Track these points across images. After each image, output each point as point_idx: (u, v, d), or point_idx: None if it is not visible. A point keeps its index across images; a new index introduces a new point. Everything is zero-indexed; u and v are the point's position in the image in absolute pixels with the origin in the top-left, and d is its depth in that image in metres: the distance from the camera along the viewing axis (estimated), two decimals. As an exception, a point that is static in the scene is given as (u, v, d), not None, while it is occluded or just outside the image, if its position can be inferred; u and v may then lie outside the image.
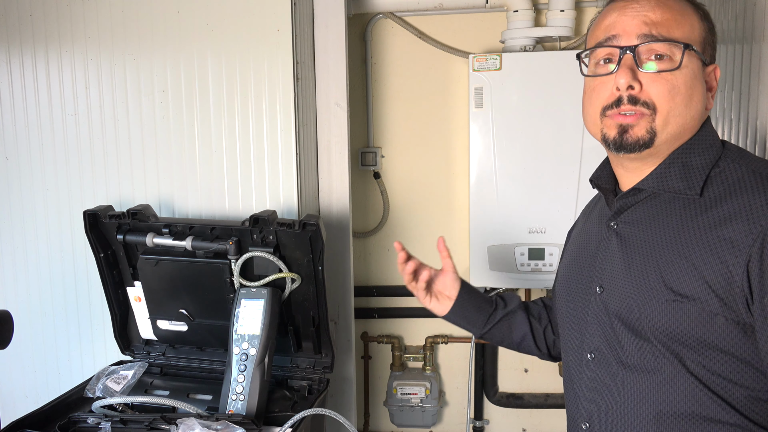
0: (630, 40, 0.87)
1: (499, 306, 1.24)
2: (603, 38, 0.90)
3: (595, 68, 0.92)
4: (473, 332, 1.25)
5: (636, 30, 0.87)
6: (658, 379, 0.86)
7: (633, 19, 0.88)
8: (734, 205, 0.82)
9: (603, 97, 0.90)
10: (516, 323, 1.23)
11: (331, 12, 1.82)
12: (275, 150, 1.63)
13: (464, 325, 1.24)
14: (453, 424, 2.46)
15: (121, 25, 1.65)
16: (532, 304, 1.27)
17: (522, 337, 1.23)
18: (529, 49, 2.08)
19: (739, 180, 0.84)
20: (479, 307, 1.23)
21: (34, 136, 1.72)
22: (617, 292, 0.91)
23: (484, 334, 1.24)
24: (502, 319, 1.22)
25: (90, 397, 1.42)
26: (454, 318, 1.24)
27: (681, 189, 0.87)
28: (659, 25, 0.86)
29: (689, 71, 0.86)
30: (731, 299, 0.80)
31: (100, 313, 1.74)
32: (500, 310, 1.23)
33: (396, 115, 2.31)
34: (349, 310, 1.93)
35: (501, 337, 1.24)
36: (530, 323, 1.23)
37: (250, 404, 1.31)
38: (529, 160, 2.03)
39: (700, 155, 0.89)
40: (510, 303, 1.24)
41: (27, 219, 1.74)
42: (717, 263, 0.80)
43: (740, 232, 0.80)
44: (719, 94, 1.48)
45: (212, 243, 1.43)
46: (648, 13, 0.87)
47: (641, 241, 0.90)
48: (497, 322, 1.22)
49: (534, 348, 1.24)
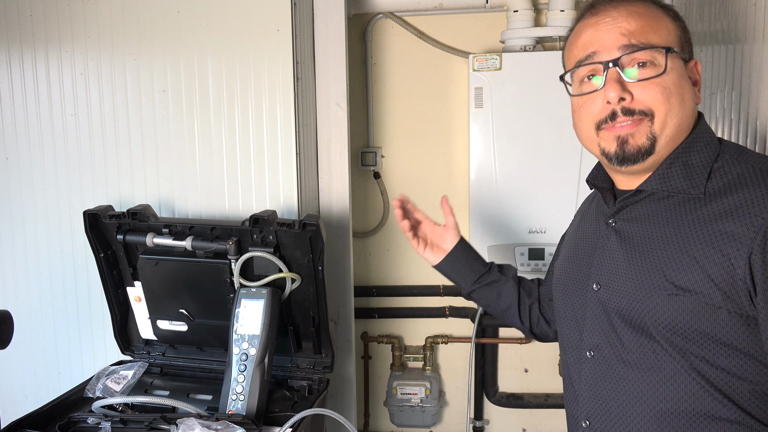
0: (611, 54, 0.87)
1: (492, 270, 1.29)
2: (583, 56, 0.91)
3: (581, 86, 0.93)
4: (462, 287, 1.30)
5: (615, 43, 0.87)
6: (658, 377, 0.86)
7: (609, 32, 0.88)
8: (735, 199, 0.82)
9: (594, 112, 0.90)
10: (505, 291, 1.27)
11: (331, 12, 1.82)
12: (275, 150, 1.63)
13: (454, 278, 1.30)
14: (453, 424, 2.46)
15: (121, 25, 1.65)
16: (525, 279, 1.30)
17: (508, 306, 1.27)
18: (529, 49, 2.08)
19: (739, 175, 0.85)
20: (471, 266, 1.28)
21: (34, 136, 1.72)
22: (617, 289, 0.91)
23: (471, 292, 1.29)
24: (493, 283, 1.27)
25: (90, 397, 1.42)
26: (445, 269, 1.29)
27: (684, 188, 0.87)
28: (636, 33, 0.87)
29: (675, 72, 0.87)
30: (734, 292, 0.80)
31: (100, 313, 1.74)
32: (493, 274, 1.28)
33: (396, 115, 2.31)
34: (349, 310, 1.93)
35: (488, 301, 1.29)
36: (519, 295, 1.27)
37: (250, 404, 1.31)
38: (529, 160, 2.03)
39: (699, 153, 0.89)
40: (505, 272, 1.29)
41: (27, 219, 1.75)
42: (719, 257, 0.81)
43: (742, 225, 0.80)
44: (719, 94, 1.48)
45: (212, 243, 1.43)
46: (622, 23, 0.87)
47: (641, 238, 0.90)
48: (487, 284, 1.27)
49: (517, 320, 1.28)
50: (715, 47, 1.51)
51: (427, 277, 2.36)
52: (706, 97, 1.55)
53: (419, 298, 2.37)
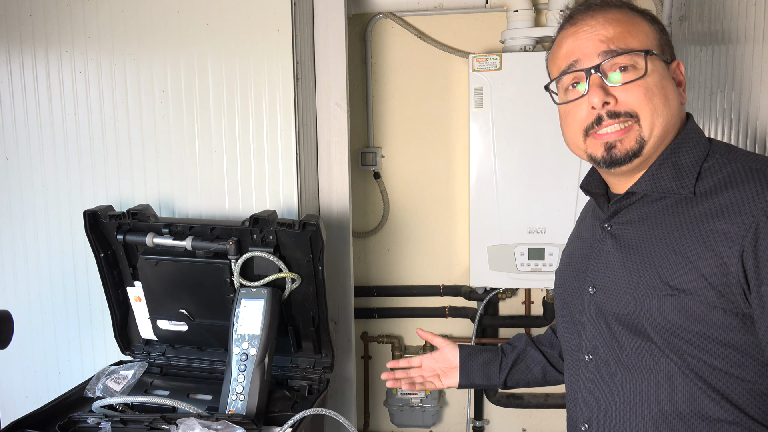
0: (592, 61, 0.89)
1: (506, 351, 1.25)
2: (565, 66, 0.92)
3: (566, 95, 0.95)
4: (493, 386, 1.25)
5: (594, 50, 0.89)
6: (656, 379, 0.86)
7: (588, 40, 0.90)
8: (726, 198, 0.83)
9: (580, 118, 0.91)
10: (531, 360, 1.23)
11: (331, 12, 1.82)
12: (275, 150, 1.63)
13: (481, 383, 1.25)
14: (453, 424, 2.46)
15: (121, 25, 1.65)
16: (540, 336, 1.27)
17: (543, 371, 1.23)
18: (529, 49, 2.08)
19: (729, 174, 0.85)
20: (485, 361, 1.24)
21: (34, 136, 1.72)
22: (613, 292, 0.92)
23: (505, 383, 1.24)
24: (516, 362, 1.23)
25: (90, 397, 1.42)
26: (468, 382, 1.25)
27: (674, 189, 0.88)
28: (615, 39, 0.88)
29: (657, 74, 0.88)
30: (728, 291, 0.80)
31: (100, 313, 1.74)
32: (510, 355, 1.24)
33: (396, 115, 2.31)
34: (349, 310, 1.93)
35: (524, 379, 1.25)
36: (544, 354, 1.23)
37: (250, 404, 1.31)
38: (529, 160, 2.03)
39: (688, 153, 0.90)
40: (518, 344, 1.25)
41: (27, 219, 1.75)
42: (711, 256, 0.81)
43: (733, 223, 0.80)
44: (719, 94, 1.48)
45: (212, 243, 1.43)
46: (601, 31, 0.89)
47: (636, 240, 0.91)
48: (512, 367, 1.23)
49: (559, 375, 1.23)
50: (715, 47, 1.51)
51: (427, 277, 2.36)
52: (706, 97, 1.55)
53: (419, 298, 2.37)
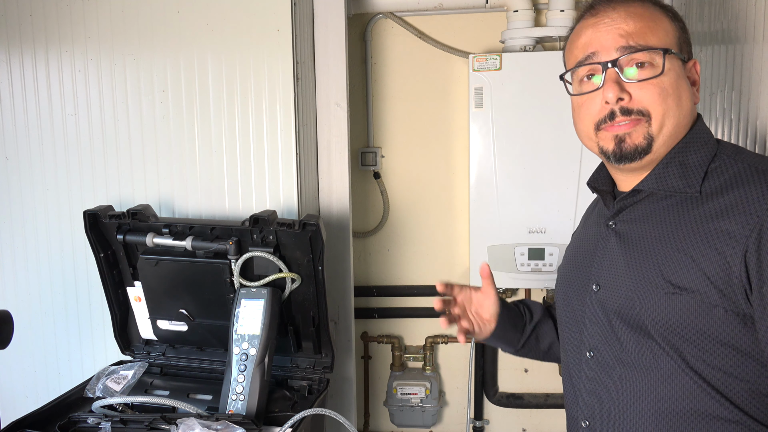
0: (610, 55, 0.88)
1: (526, 318, 1.19)
2: (582, 57, 0.92)
3: (580, 86, 0.94)
4: (508, 350, 1.19)
5: (613, 44, 0.88)
6: (656, 376, 0.87)
7: (608, 33, 0.89)
8: (731, 198, 0.83)
9: (593, 111, 0.91)
10: (543, 332, 1.19)
11: (331, 12, 1.82)
12: (275, 150, 1.63)
13: (500, 344, 1.18)
14: (453, 424, 2.46)
15: (121, 25, 1.65)
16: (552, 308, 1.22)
17: (549, 345, 1.20)
18: (529, 49, 2.08)
19: (735, 175, 0.85)
20: (515, 325, 1.17)
21: (34, 136, 1.72)
22: (615, 289, 0.92)
23: (518, 351, 1.19)
24: (532, 333, 1.18)
25: (90, 397, 1.42)
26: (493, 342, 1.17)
27: (680, 188, 0.88)
28: (635, 35, 0.87)
29: (673, 73, 0.88)
30: (730, 290, 0.81)
31: (100, 313, 1.74)
32: (529, 324, 1.18)
33: (396, 115, 2.31)
34: (349, 310, 1.93)
35: (533, 350, 1.20)
36: (556, 330, 1.18)
37: (250, 404, 1.31)
38: (529, 160, 2.03)
39: (696, 153, 0.90)
40: (535, 312, 1.20)
41: (27, 219, 1.74)
42: (715, 255, 0.81)
43: (737, 223, 0.80)
44: (719, 94, 1.48)
45: (212, 243, 1.43)
46: (621, 25, 0.88)
47: (640, 238, 0.91)
48: (528, 336, 1.18)
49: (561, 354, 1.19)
50: (715, 47, 1.51)
51: (427, 277, 2.36)
52: (706, 97, 1.55)
53: (419, 298, 2.37)
